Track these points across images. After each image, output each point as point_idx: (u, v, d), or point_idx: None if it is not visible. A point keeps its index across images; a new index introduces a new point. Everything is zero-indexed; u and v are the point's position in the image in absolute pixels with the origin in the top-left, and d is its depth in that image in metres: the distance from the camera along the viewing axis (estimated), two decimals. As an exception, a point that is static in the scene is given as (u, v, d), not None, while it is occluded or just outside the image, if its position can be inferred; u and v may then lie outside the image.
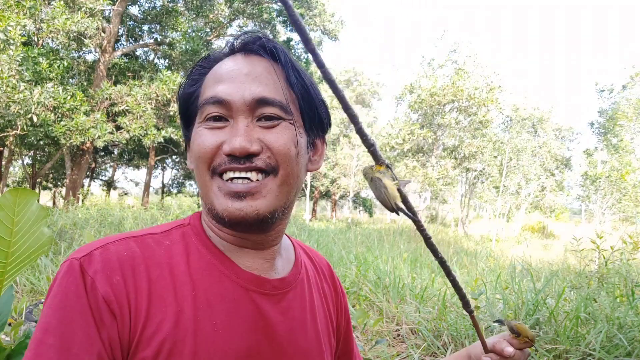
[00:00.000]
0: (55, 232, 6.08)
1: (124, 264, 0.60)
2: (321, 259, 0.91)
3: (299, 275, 0.76)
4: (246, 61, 0.67)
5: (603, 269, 4.85)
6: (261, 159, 0.63)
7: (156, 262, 0.63)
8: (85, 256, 0.59)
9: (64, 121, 10.80)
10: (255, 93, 0.63)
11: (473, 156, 18.36)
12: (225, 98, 0.63)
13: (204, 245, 0.68)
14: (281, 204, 0.66)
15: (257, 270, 0.70)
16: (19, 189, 0.68)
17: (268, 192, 0.64)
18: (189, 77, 0.72)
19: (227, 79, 0.65)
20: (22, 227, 0.69)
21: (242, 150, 0.61)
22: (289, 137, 0.65)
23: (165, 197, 25.06)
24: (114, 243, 0.62)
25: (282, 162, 0.64)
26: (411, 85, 18.10)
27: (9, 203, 0.66)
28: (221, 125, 0.64)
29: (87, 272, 0.57)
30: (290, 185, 0.67)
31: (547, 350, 2.55)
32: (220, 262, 0.67)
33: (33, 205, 0.69)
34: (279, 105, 0.64)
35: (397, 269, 5.23)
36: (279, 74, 0.67)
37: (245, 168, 0.62)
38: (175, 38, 14.03)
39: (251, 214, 0.62)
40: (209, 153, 0.64)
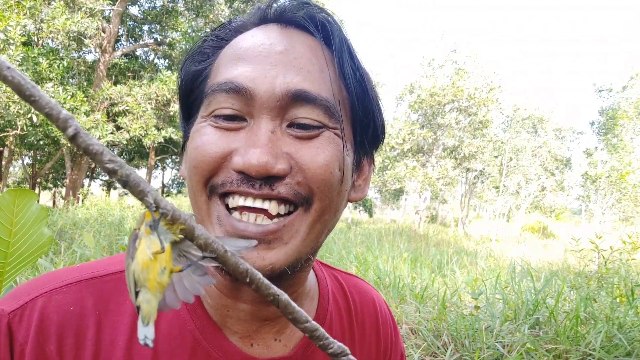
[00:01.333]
0: (55, 232, 6.09)
1: (66, 326, 0.44)
2: (367, 303, 0.64)
3: (312, 345, 0.54)
4: (283, 35, 0.46)
5: (602, 269, 4.85)
6: (288, 184, 0.43)
7: (112, 321, 0.46)
8: (17, 310, 0.43)
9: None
10: (292, 84, 0.43)
11: (473, 156, 18.36)
12: (245, 85, 0.43)
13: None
14: (308, 250, 0.46)
15: (251, 340, 0.50)
16: (17, 189, 0.68)
17: (293, 235, 0.44)
18: (198, 49, 0.50)
19: (252, 58, 0.44)
20: (21, 228, 0.69)
21: (261, 168, 0.40)
22: (333, 154, 0.44)
23: (165, 197, 25.06)
24: (62, 290, 0.46)
25: (319, 192, 0.44)
26: (411, 85, 18.09)
27: (8, 203, 0.66)
28: (235, 127, 0.44)
29: (16, 338, 0.43)
30: (325, 223, 0.46)
31: (547, 350, 2.55)
32: (200, 328, 0.48)
33: (32, 206, 0.69)
34: (323, 106, 0.44)
35: (397, 268, 5.23)
36: (328, 60, 0.46)
37: (262, 195, 0.42)
38: (175, 38, 14.05)
39: (262, 269, 0.42)
40: (210, 163, 0.43)
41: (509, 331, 2.76)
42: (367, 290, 0.67)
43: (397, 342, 0.67)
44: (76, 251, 4.62)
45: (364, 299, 0.64)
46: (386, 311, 0.67)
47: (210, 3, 14.23)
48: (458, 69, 17.42)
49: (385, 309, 0.68)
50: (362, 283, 0.68)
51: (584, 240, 5.74)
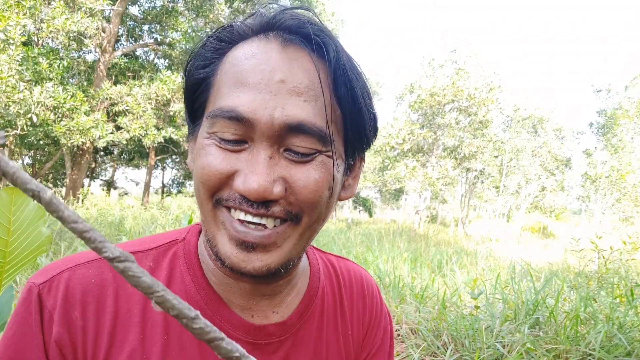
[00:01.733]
0: (55, 232, 6.09)
1: (88, 295, 0.51)
2: (356, 280, 0.72)
3: (306, 313, 0.63)
4: (283, 57, 0.49)
5: (602, 269, 4.85)
6: (280, 205, 0.49)
7: (128, 293, 0.53)
8: (46, 282, 0.51)
9: (64, 121, 10.80)
10: (290, 117, 0.47)
11: (473, 156, 18.37)
12: (247, 116, 0.47)
13: (192, 274, 0.57)
14: (299, 250, 0.54)
15: (251, 312, 0.58)
16: (14, 187, 0.68)
17: (285, 241, 0.51)
18: (199, 52, 0.54)
19: (253, 85, 0.48)
20: (19, 226, 0.69)
21: (259, 195, 0.47)
22: (324, 177, 0.50)
23: (165, 197, 25.07)
24: (84, 265, 0.53)
25: (308, 210, 0.51)
26: (411, 85, 18.10)
27: (5, 202, 0.66)
28: (237, 149, 0.49)
29: (45, 306, 0.50)
30: (313, 230, 0.54)
31: (547, 350, 2.55)
32: (205, 300, 0.56)
33: (30, 205, 0.68)
34: (317, 135, 0.49)
35: (397, 268, 5.23)
36: (323, 82, 0.50)
37: (259, 214, 0.49)
38: (175, 38, 14.05)
39: (260, 269, 0.50)
40: (215, 182, 0.49)
41: (509, 331, 2.76)
42: (357, 270, 0.74)
43: (381, 317, 0.73)
44: (77, 250, 4.62)
45: (353, 276, 0.72)
46: (374, 288, 0.75)
47: (210, 3, 14.23)
48: (458, 69, 17.43)
49: (374, 286, 0.75)
50: (353, 264, 0.76)
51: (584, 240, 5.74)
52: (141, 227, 7.76)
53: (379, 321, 0.71)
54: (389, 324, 0.73)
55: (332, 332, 0.65)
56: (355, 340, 0.68)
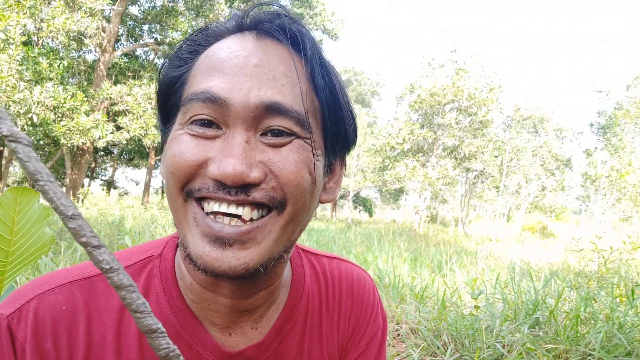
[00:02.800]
0: (56, 232, 6.09)
1: (59, 324, 0.48)
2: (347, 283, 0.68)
3: (286, 326, 0.59)
4: (258, 46, 0.48)
5: (602, 268, 4.85)
6: (263, 189, 0.45)
7: (101, 317, 0.50)
8: (14, 313, 0.48)
9: (64, 121, 10.81)
10: (266, 97, 0.45)
11: (473, 156, 18.37)
12: (221, 96, 0.45)
13: (168, 294, 0.54)
14: (281, 248, 0.49)
15: (230, 330, 0.55)
16: (20, 188, 0.68)
17: (266, 236, 0.47)
18: (175, 55, 0.52)
19: (228, 69, 0.46)
20: (23, 227, 0.70)
21: (236, 177, 0.43)
22: (303, 160, 0.47)
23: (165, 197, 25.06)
24: (54, 291, 0.50)
25: (292, 196, 0.47)
26: (411, 85, 18.10)
27: (10, 202, 0.66)
28: (211, 135, 0.46)
29: (16, 338, 0.47)
30: (297, 224, 0.49)
31: (547, 350, 2.55)
32: (181, 322, 0.53)
33: (34, 205, 0.69)
34: (294, 118, 0.46)
35: (396, 268, 5.24)
36: (299, 71, 0.48)
37: (238, 201, 0.45)
38: (175, 38, 14.04)
39: (237, 268, 0.45)
40: (186, 170, 0.45)
41: (509, 331, 2.77)
42: (350, 269, 0.70)
43: (370, 320, 0.68)
44: (77, 250, 4.62)
45: (344, 276, 0.68)
46: (367, 289, 0.70)
47: (210, 3, 14.23)
48: (458, 68, 17.43)
49: (367, 287, 0.70)
50: (348, 264, 0.71)
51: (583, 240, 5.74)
52: (141, 227, 7.76)
53: (366, 325, 0.67)
54: (379, 330, 0.68)
55: (316, 339, 0.62)
56: (342, 341, 0.65)
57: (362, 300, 0.68)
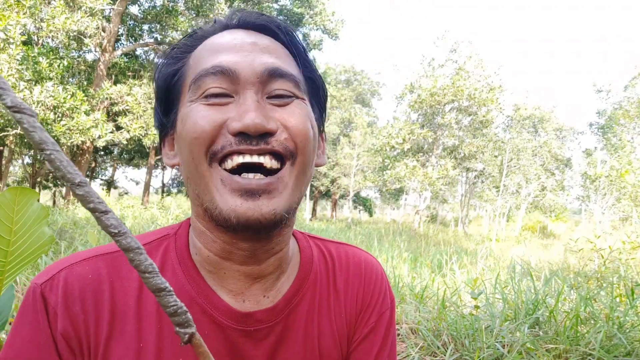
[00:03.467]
0: (56, 231, 6.08)
1: (86, 290, 0.54)
2: (355, 265, 0.70)
3: (296, 297, 0.63)
4: (248, 34, 0.57)
5: (602, 268, 4.86)
6: (278, 140, 0.52)
7: (124, 286, 0.56)
8: (47, 282, 0.54)
9: (64, 121, 10.81)
10: (268, 63, 0.53)
11: (473, 156, 18.37)
12: (231, 67, 0.52)
13: (183, 266, 0.59)
14: (296, 199, 0.55)
15: (243, 297, 0.59)
16: (18, 187, 0.68)
17: (285, 186, 0.53)
18: (168, 56, 0.59)
19: (230, 48, 0.54)
20: (22, 226, 0.69)
21: (257, 126, 0.49)
22: (305, 114, 0.55)
23: (165, 196, 25.07)
24: (81, 263, 0.56)
25: (302, 145, 0.54)
26: (411, 84, 18.09)
27: (9, 202, 0.66)
28: (224, 102, 0.53)
29: (49, 303, 0.53)
30: (306, 175, 0.57)
31: (547, 349, 2.55)
32: (195, 289, 0.58)
33: (34, 205, 0.69)
34: (293, 80, 0.55)
35: (396, 268, 5.24)
36: (286, 56, 0.58)
37: (259, 150, 0.51)
38: (175, 37, 14.04)
39: (268, 214, 0.50)
40: (209, 133, 0.51)
41: (509, 331, 2.77)
42: (358, 253, 0.73)
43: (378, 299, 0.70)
44: (77, 250, 4.62)
45: (351, 258, 0.71)
46: (375, 271, 0.72)
47: (210, 2, 14.23)
48: (458, 68, 17.42)
49: (375, 269, 0.72)
50: (356, 249, 0.74)
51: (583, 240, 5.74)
52: (141, 227, 7.76)
53: (375, 303, 0.69)
54: (388, 309, 0.71)
55: (325, 314, 0.65)
56: (350, 318, 0.67)
57: (369, 280, 0.70)
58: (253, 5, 14.86)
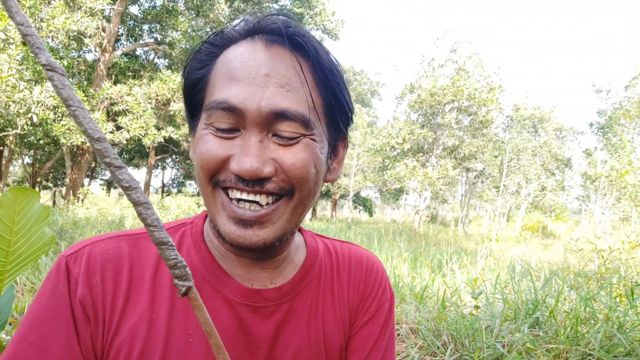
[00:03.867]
0: (56, 231, 6.08)
1: (107, 263, 0.59)
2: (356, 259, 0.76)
3: (302, 282, 0.68)
4: (267, 55, 0.56)
5: (601, 268, 4.86)
6: (274, 182, 0.55)
7: (141, 263, 0.61)
8: (72, 254, 0.59)
9: (64, 120, 10.81)
10: (274, 104, 0.54)
11: (473, 156, 18.36)
12: (238, 106, 0.54)
13: (197, 249, 0.64)
14: (292, 226, 0.60)
15: (250, 281, 0.64)
16: (20, 188, 0.68)
17: (279, 217, 0.57)
18: (196, 57, 0.61)
19: (242, 79, 0.55)
20: (23, 227, 0.69)
21: (252, 174, 0.53)
22: (309, 156, 0.56)
23: (165, 196, 25.07)
24: (105, 241, 0.62)
25: (299, 186, 0.57)
26: (411, 84, 18.09)
27: (10, 202, 0.66)
28: (231, 136, 0.56)
29: (72, 272, 0.58)
30: (304, 206, 0.60)
31: (547, 349, 2.55)
32: (207, 269, 0.63)
33: (35, 205, 0.69)
34: (300, 120, 0.55)
35: (396, 268, 5.24)
36: (306, 73, 0.57)
37: (254, 191, 0.55)
38: (175, 37, 14.05)
39: (257, 243, 0.56)
40: (212, 165, 0.56)
41: (509, 331, 2.77)
42: (360, 250, 0.79)
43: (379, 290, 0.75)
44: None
45: (354, 254, 0.77)
46: (375, 266, 0.77)
47: (210, 2, 14.22)
48: (458, 68, 17.42)
49: (376, 265, 0.78)
50: (359, 248, 0.80)
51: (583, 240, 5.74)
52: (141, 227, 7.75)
53: (375, 293, 0.74)
54: (387, 301, 0.75)
55: (329, 301, 0.70)
56: (352, 306, 0.72)
57: (370, 274, 0.75)
58: (253, 6, 14.86)
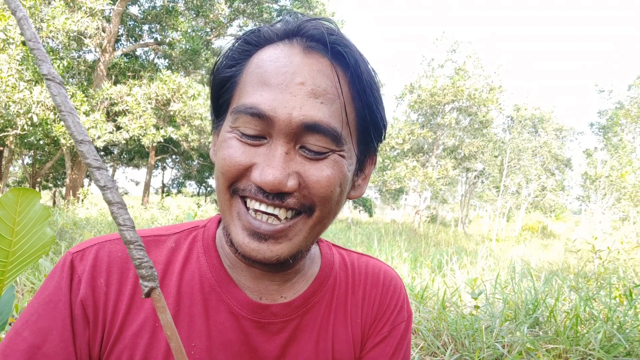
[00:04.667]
0: (56, 232, 6.09)
1: (113, 265, 0.57)
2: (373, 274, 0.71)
3: (313, 298, 0.64)
4: (304, 62, 0.52)
5: (601, 269, 4.86)
6: (295, 197, 0.52)
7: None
8: (79, 252, 0.57)
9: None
10: (307, 117, 0.50)
11: (473, 156, 18.36)
12: (267, 113, 0.50)
13: (207, 256, 0.61)
14: (309, 243, 0.57)
15: (259, 293, 0.61)
16: (21, 188, 0.68)
17: (296, 234, 0.54)
18: (228, 54, 0.57)
19: (275, 84, 0.51)
20: (24, 227, 0.70)
21: (274, 187, 0.49)
22: (336, 175, 0.53)
23: (165, 197, 25.06)
24: (114, 242, 0.59)
25: (320, 204, 0.53)
26: (411, 85, 18.09)
27: (11, 202, 0.67)
28: (257, 143, 0.52)
29: (76, 270, 0.56)
30: (324, 225, 0.57)
31: (547, 350, 2.55)
32: (216, 278, 0.60)
33: (35, 205, 0.69)
34: (331, 135, 0.51)
35: (396, 268, 5.24)
36: (342, 85, 0.53)
37: (273, 204, 0.51)
38: (175, 38, 14.05)
39: (270, 258, 0.52)
40: (234, 173, 0.52)
41: (509, 331, 2.77)
42: (378, 265, 0.74)
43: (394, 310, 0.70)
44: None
45: (371, 268, 0.72)
46: (394, 283, 0.72)
47: (210, 2, 14.22)
48: (458, 68, 17.42)
49: (395, 282, 0.72)
50: (377, 262, 0.75)
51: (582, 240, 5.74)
52: (141, 227, 7.76)
53: (390, 313, 0.69)
54: (403, 322, 0.70)
55: (341, 318, 0.65)
56: (365, 324, 0.68)
57: (387, 292, 0.71)
58: (253, 6, 14.86)
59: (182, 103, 12.00)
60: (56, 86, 0.31)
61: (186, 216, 2.18)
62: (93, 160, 0.31)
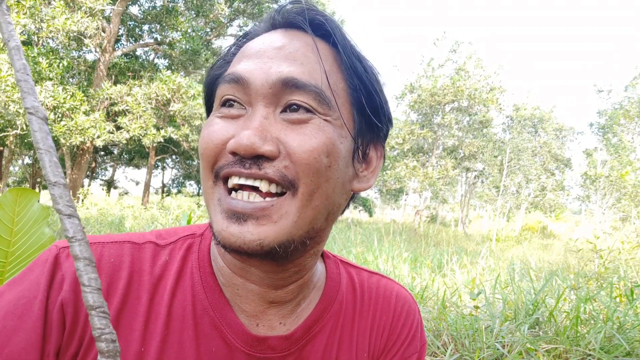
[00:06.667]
0: (56, 232, 6.09)
1: (103, 272, 0.51)
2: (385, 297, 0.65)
3: (315, 327, 0.58)
4: (284, 35, 0.51)
5: (601, 269, 4.86)
6: (274, 167, 0.46)
7: (141, 279, 0.53)
8: (66, 247, 0.51)
9: (63, 121, 10.80)
10: (283, 73, 0.47)
11: (473, 156, 18.37)
12: (243, 76, 0.48)
13: (202, 271, 0.55)
14: (302, 232, 0.48)
15: (257, 320, 0.55)
16: (20, 188, 0.68)
17: (282, 216, 0.46)
18: (223, 56, 0.56)
19: (253, 55, 0.50)
20: (22, 227, 0.70)
21: (248, 148, 0.44)
22: (321, 141, 0.47)
23: (165, 196, 25.07)
24: (107, 245, 0.54)
25: (304, 176, 0.46)
26: (411, 85, 18.09)
27: (10, 202, 0.66)
28: (235, 114, 0.48)
29: (60, 267, 0.49)
30: (316, 208, 0.48)
31: (546, 350, 2.55)
32: (210, 300, 0.54)
33: (34, 205, 0.69)
34: (313, 92, 0.47)
35: (396, 268, 5.23)
36: (324, 55, 0.50)
37: (251, 175, 0.46)
38: (175, 38, 14.05)
39: (251, 244, 0.45)
40: (213, 150, 0.48)
41: (509, 331, 2.77)
42: (391, 285, 0.67)
43: (406, 339, 0.64)
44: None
45: (382, 290, 0.66)
46: (408, 307, 0.66)
47: (210, 2, 14.22)
48: (458, 68, 17.42)
49: (409, 306, 0.67)
50: (390, 281, 0.68)
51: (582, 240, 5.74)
52: (141, 227, 7.76)
53: (401, 344, 0.63)
54: (415, 354, 0.64)
55: (346, 349, 0.59)
56: (373, 355, 0.62)
57: (399, 318, 0.64)
58: (253, 7, 14.86)
59: (182, 103, 12.00)
60: (38, 121, 0.29)
61: (185, 217, 2.17)
62: (64, 206, 0.28)
